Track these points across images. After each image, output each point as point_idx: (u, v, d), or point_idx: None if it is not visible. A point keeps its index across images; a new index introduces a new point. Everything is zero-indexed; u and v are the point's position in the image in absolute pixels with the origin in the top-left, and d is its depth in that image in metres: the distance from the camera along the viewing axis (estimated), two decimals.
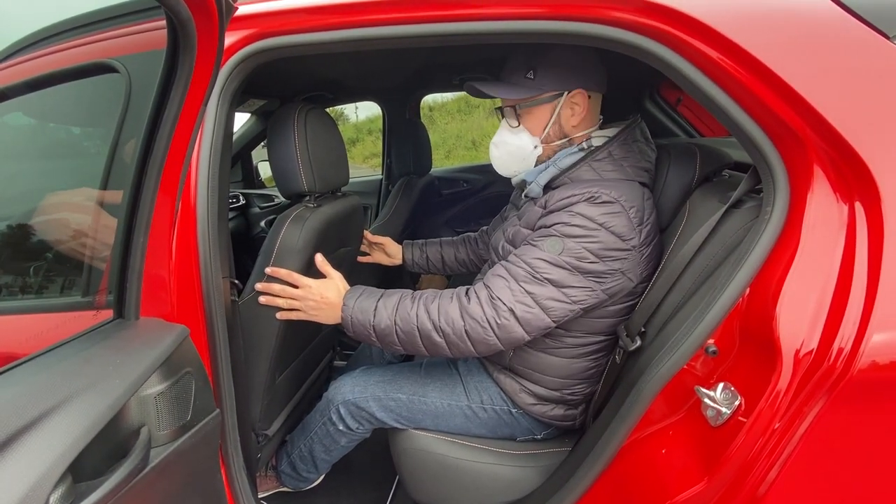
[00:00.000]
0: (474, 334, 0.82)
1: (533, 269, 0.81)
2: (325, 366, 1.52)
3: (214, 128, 0.78)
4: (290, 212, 1.01)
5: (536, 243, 0.82)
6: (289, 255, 0.97)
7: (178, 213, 0.70)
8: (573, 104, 0.89)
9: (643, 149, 0.92)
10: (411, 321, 0.85)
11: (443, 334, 0.84)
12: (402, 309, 0.86)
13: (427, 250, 1.39)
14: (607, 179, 0.85)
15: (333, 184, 1.10)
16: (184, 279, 0.75)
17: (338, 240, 1.18)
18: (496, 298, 0.81)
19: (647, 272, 0.86)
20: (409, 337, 0.86)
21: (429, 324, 0.84)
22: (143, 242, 0.57)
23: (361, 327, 0.88)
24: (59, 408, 0.42)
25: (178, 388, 0.57)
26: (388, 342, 0.88)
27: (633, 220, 0.81)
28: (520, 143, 0.92)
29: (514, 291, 0.81)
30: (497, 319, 0.81)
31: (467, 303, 0.83)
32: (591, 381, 0.95)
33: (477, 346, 0.83)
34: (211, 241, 0.78)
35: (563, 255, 0.79)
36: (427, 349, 0.86)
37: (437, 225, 2.32)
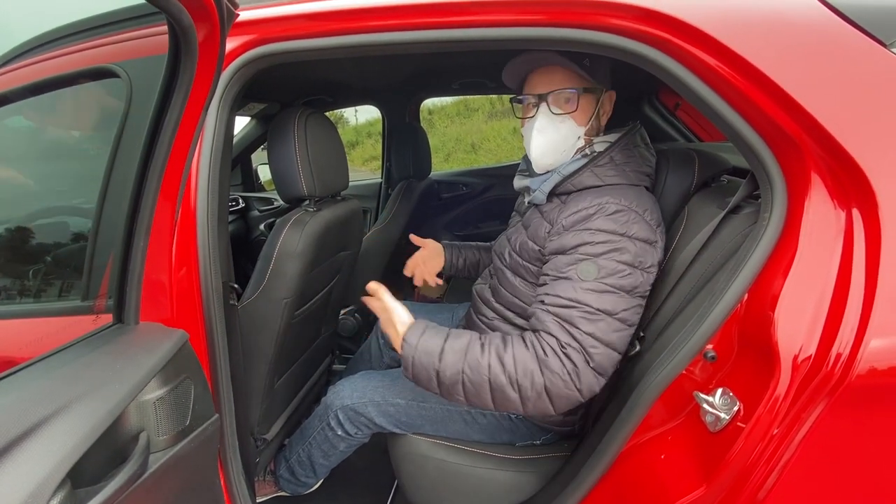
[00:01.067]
0: (554, 388, 0.74)
1: (586, 305, 0.75)
2: (324, 370, 1.52)
3: (215, 132, 0.79)
4: (289, 216, 1.01)
5: (568, 274, 0.77)
6: (288, 259, 0.97)
7: (178, 218, 0.70)
8: (607, 102, 0.91)
9: (644, 153, 0.92)
10: (482, 371, 0.76)
11: (518, 388, 0.75)
12: (472, 355, 0.77)
13: (466, 254, 1.29)
14: (610, 185, 0.85)
15: (333, 188, 1.10)
16: (183, 283, 0.76)
17: (337, 243, 1.18)
18: (567, 346, 0.75)
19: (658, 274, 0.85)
20: (478, 389, 0.76)
21: (503, 377, 0.75)
22: (144, 247, 0.57)
23: (423, 371, 0.78)
24: (59, 413, 0.42)
25: (177, 394, 0.57)
26: (450, 392, 0.78)
27: (651, 223, 0.81)
28: (565, 132, 0.88)
29: (577, 338, 0.75)
30: (574, 368, 0.74)
31: (545, 356, 0.75)
32: None
33: (556, 402, 0.75)
34: (210, 245, 0.78)
35: (602, 277, 0.76)
36: (496, 403, 0.77)
37: (436, 228, 2.32)
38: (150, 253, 0.59)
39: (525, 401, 0.75)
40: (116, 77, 0.77)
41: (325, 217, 1.05)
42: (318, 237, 1.01)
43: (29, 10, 0.89)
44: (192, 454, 0.60)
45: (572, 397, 0.75)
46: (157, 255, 0.63)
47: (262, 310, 0.99)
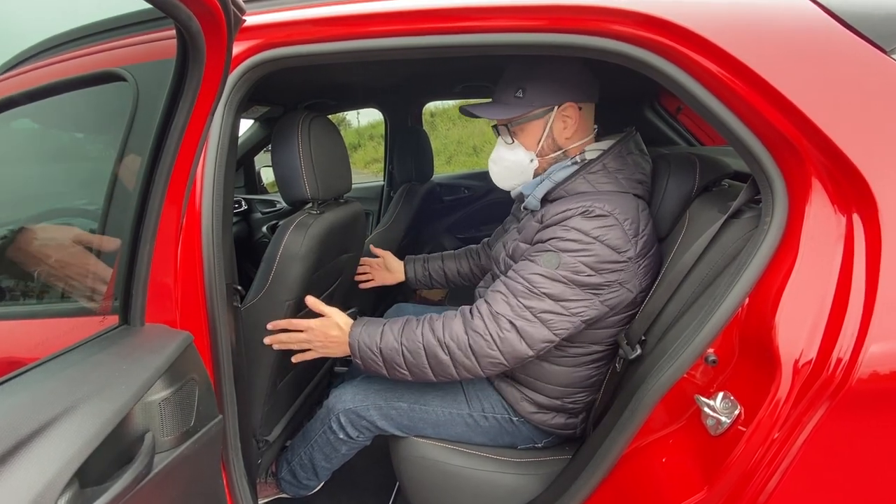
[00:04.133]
0: (478, 349, 0.83)
1: (531, 283, 0.82)
2: (325, 371, 1.52)
3: (220, 136, 0.79)
4: (292, 218, 1.02)
5: (534, 258, 0.84)
6: (291, 261, 0.98)
7: (183, 221, 0.71)
8: (565, 117, 0.91)
9: (637, 160, 0.93)
10: (416, 339, 0.86)
11: (448, 350, 0.84)
12: (408, 329, 0.88)
13: (429, 266, 1.41)
14: (602, 192, 0.87)
15: (336, 191, 1.11)
16: (188, 285, 0.76)
17: (340, 246, 1.19)
18: (497, 314, 0.83)
19: (646, 282, 0.87)
20: (416, 357, 0.86)
21: (433, 340, 0.85)
22: (149, 250, 0.58)
23: (368, 350, 0.89)
24: (67, 413, 0.43)
25: (182, 395, 0.58)
26: (394, 365, 0.88)
27: (628, 232, 0.82)
28: (516, 159, 0.95)
29: (513, 306, 0.82)
30: (499, 333, 0.82)
31: (470, 318, 0.85)
32: (591, 390, 0.96)
33: (481, 362, 0.84)
34: (215, 247, 0.79)
35: (560, 269, 0.80)
36: (433, 369, 0.86)
37: (438, 231, 2.33)
38: (156, 255, 0.60)
39: (455, 361, 0.84)
40: (123, 81, 0.78)
41: (328, 220, 1.06)
42: (321, 239, 1.02)
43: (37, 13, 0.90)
44: (197, 454, 0.60)
45: (495, 358, 0.83)
46: (163, 258, 0.64)
47: (265, 311, 0.99)
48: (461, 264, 1.40)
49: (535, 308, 0.81)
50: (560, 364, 0.93)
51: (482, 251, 1.39)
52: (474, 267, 1.38)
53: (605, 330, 0.90)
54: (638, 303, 0.88)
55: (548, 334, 0.82)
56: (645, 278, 0.87)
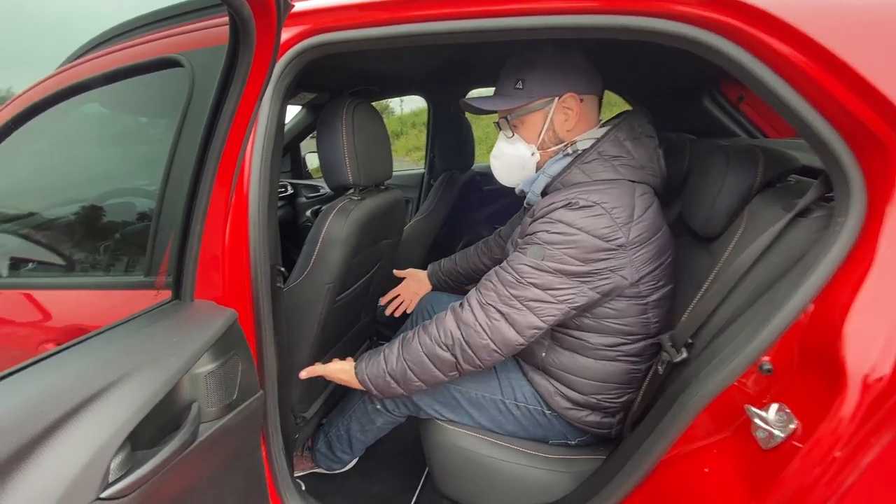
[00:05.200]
0: (471, 340, 0.84)
1: (518, 273, 0.83)
2: (364, 350, 1.56)
3: (268, 121, 0.82)
4: (335, 204, 1.04)
5: (523, 249, 0.84)
6: (333, 245, 1.00)
7: (232, 202, 0.73)
8: (565, 109, 0.89)
9: (638, 146, 0.89)
10: (417, 350, 0.89)
11: (447, 348, 0.86)
12: (406, 345, 0.90)
13: (444, 272, 1.42)
14: (598, 181, 0.85)
15: (377, 177, 1.12)
16: (235, 265, 0.79)
17: (379, 232, 1.20)
18: (485, 304, 0.85)
19: (648, 270, 0.84)
20: (422, 368, 0.88)
21: (431, 342, 0.87)
22: (200, 230, 0.60)
23: (380, 380, 0.92)
24: (121, 381, 0.46)
25: (227, 368, 0.61)
26: (408, 382, 0.90)
27: (618, 220, 0.80)
28: (516, 153, 0.93)
29: (500, 295, 0.84)
30: (488, 322, 0.84)
31: (461, 311, 0.87)
32: (628, 389, 0.92)
33: (478, 353, 0.85)
34: (261, 229, 0.81)
35: (546, 260, 0.81)
36: (442, 371, 0.88)
37: (476, 221, 2.31)
38: (206, 235, 0.63)
39: (456, 357, 0.86)
40: (181, 66, 0.82)
41: (369, 206, 1.07)
42: (362, 225, 1.03)
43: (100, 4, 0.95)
44: (238, 427, 0.63)
45: (490, 348, 0.84)
46: (212, 238, 0.66)
47: (306, 293, 1.02)
48: (479, 260, 1.39)
49: (522, 297, 0.82)
50: (591, 356, 0.91)
51: (495, 242, 1.38)
52: (488, 261, 1.37)
53: (623, 320, 0.87)
54: (644, 294, 0.86)
55: (535, 320, 0.82)
56: (645, 265, 0.84)
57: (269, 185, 0.82)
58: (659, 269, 0.86)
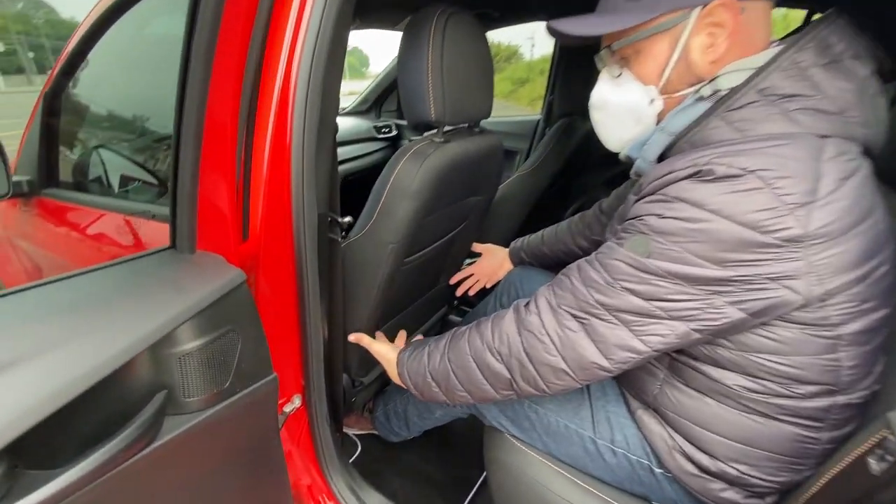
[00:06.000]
0: (534, 353, 0.61)
1: (610, 272, 0.55)
2: (437, 320, 1.41)
3: (319, 37, 0.61)
4: (410, 146, 0.83)
5: (620, 240, 0.56)
6: (401, 197, 0.80)
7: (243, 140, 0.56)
8: (712, 26, 0.53)
9: (836, 75, 0.50)
10: (464, 352, 0.68)
11: (500, 358, 0.64)
12: (454, 343, 0.71)
13: (528, 253, 1.15)
14: (756, 137, 0.50)
15: (469, 115, 0.88)
16: (273, 213, 0.64)
17: (466, 185, 0.97)
18: (558, 308, 0.59)
19: (843, 282, 0.48)
20: (468, 375, 0.68)
21: (482, 347, 0.66)
22: (192, 171, 0.44)
23: (420, 379, 0.74)
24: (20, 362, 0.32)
25: (215, 349, 0.46)
26: (451, 388, 0.70)
27: (787, 198, 0.46)
28: (626, 100, 0.62)
29: (580, 299, 0.58)
30: (559, 331, 0.59)
31: (525, 313, 0.63)
32: (794, 465, 0.60)
33: (541, 372, 0.61)
34: (305, 170, 0.64)
35: (653, 258, 0.52)
36: (493, 386, 0.66)
37: (593, 183, 1.93)
38: (211, 178, 0.46)
39: (512, 372, 0.63)
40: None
41: (453, 152, 0.84)
42: (441, 175, 0.81)
43: None
44: (235, 420, 0.50)
45: (556, 366, 0.59)
46: (218, 181, 0.50)
47: (366, 251, 0.86)
48: (572, 241, 1.08)
49: (611, 306, 0.55)
50: (729, 405, 0.60)
51: (596, 219, 1.04)
52: (585, 243, 1.06)
53: (786, 359, 0.53)
54: (832, 323, 0.50)
55: (631, 340, 0.55)
56: (837, 275, 0.48)
57: (318, 116, 0.64)
58: (864, 284, 0.50)
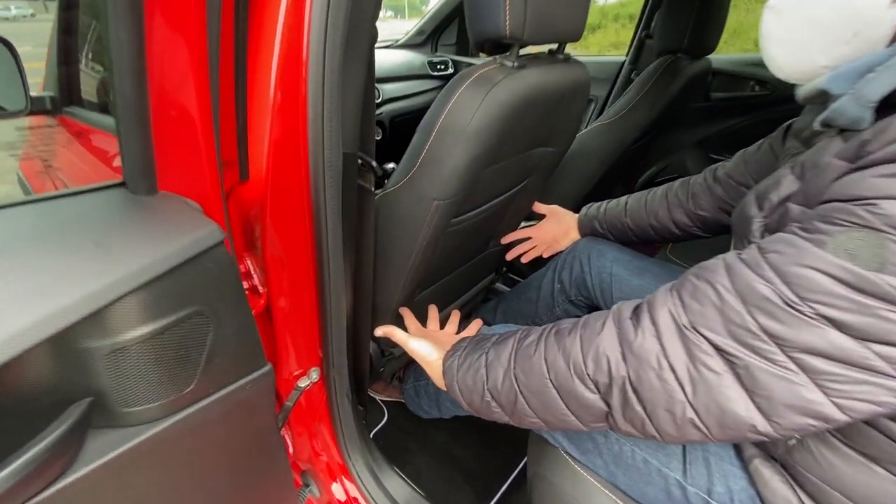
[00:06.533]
0: (647, 391, 0.41)
1: (792, 287, 0.35)
2: (483, 287, 1.24)
3: None
4: (472, 70, 0.63)
5: (811, 234, 0.36)
6: (454, 140, 0.61)
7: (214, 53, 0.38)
8: None
9: None
10: (538, 371, 0.49)
11: (596, 387, 0.45)
12: (522, 354, 0.51)
13: (606, 223, 0.94)
14: None
15: (555, 33, 0.65)
16: (283, 146, 0.48)
17: (538, 131, 0.76)
18: (691, 329, 0.39)
19: None
20: (544, 400, 0.49)
21: (567, 371, 0.46)
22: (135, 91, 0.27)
23: (476, 397, 0.55)
24: None
25: (170, 339, 0.31)
26: (521, 417, 0.52)
27: None
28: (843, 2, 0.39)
29: (731, 319, 0.37)
30: (689, 366, 0.39)
31: (633, 330, 0.43)
32: None
33: (656, 416, 0.41)
34: (327, 88, 0.47)
35: (887, 274, 0.31)
36: (578, 416, 0.47)
37: (681, 144, 1.62)
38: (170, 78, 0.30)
39: (611, 406, 0.44)
40: None
41: (530, 81, 0.63)
42: (511, 112, 0.61)
43: None
44: (210, 428, 0.36)
45: (684, 417, 0.40)
46: (183, 83, 0.33)
47: (404, 207, 0.69)
48: (667, 214, 0.85)
49: (792, 341, 0.35)
50: (888, 466, 0.41)
51: (705, 190, 0.80)
52: (685, 218, 0.83)
53: None
54: None
55: (817, 401, 0.35)
56: None
57: (346, 12, 0.45)
58: None
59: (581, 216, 0.98)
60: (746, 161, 0.74)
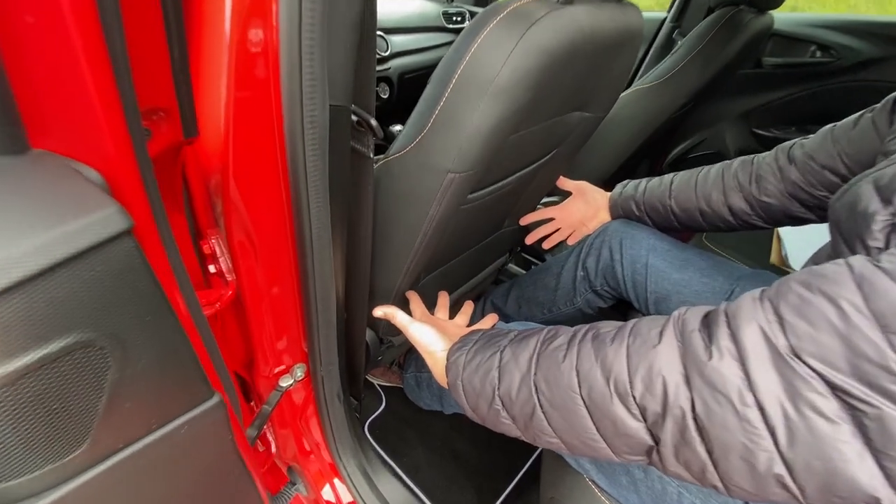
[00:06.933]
0: (718, 430, 0.31)
1: None
2: (495, 269, 1.12)
3: None
4: (504, 2, 0.48)
5: None
6: (477, 94, 0.47)
7: None
8: None
9: None
10: (567, 385, 0.39)
11: (643, 415, 0.35)
12: (547, 357, 0.41)
13: (644, 203, 0.80)
14: None
15: None
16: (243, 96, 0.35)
17: (577, 89, 0.62)
18: (793, 357, 0.29)
19: None
20: (571, 419, 0.39)
21: (607, 390, 0.36)
22: None
23: (483, 403, 0.45)
24: None
25: (34, 388, 0.20)
26: (538, 435, 0.42)
27: None
28: None
29: (864, 358, 0.26)
30: (788, 408, 0.29)
31: (702, 350, 0.32)
32: None
33: (726, 464, 0.31)
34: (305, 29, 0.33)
35: None
36: (612, 445, 0.37)
37: (723, 113, 1.45)
38: None
39: (661, 441, 0.34)
40: None
41: (580, 22, 0.49)
42: (554, 61, 0.47)
43: None
44: (123, 488, 0.25)
45: (767, 473, 0.30)
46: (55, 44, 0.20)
47: (412, 177, 0.56)
48: (720, 198, 0.72)
49: None
50: None
51: (774, 172, 0.66)
52: (742, 203, 0.70)
53: None
54: None
55: None
56: None
57: None
58: None
59: (615, 195, 0.85)
60: (836, 139, 0.60)
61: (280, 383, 0.60)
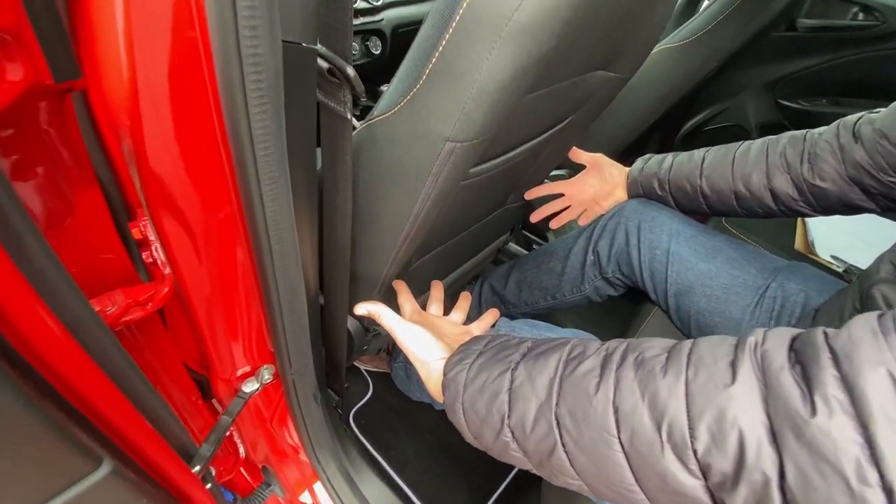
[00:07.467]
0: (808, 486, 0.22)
1: None
2: (494, 249, 1.03)
3: None
4: None
5: None
6: (485, 36, 0.36)
7: None
8: None
9: None
10: (599, 420, 0.30)
11: (703, 471, 0.26)
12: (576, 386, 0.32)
13: (670, 183, 0.70)
14: None
15: None
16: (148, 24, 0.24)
17: (605, 43, 0.51)
18: None
19: None
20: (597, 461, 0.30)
21: (654, 433, 0.28)
22: None
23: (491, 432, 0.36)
24: None
25: None
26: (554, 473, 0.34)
27: None
28: None
29: None
30: None
31: (798, 398, 0.23)
32: None
33: None
34: None
35: None
36: (653, 499, 0.29)
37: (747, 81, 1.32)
38: None
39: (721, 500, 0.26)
40: None
41: None
42: (583, 4, 0.36)
43: None
44: None
45: None
46: None
47: (400, 145, 0.45)
48: (760, 180, 0.62)
49: None
50: None
51: (832, 151, 0.57)
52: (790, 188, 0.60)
53: None
54: None
55: None
56: None
57: None
58: None
59: (634, 171, 0.74)
60: None
61: (243, 388, 0.51)
